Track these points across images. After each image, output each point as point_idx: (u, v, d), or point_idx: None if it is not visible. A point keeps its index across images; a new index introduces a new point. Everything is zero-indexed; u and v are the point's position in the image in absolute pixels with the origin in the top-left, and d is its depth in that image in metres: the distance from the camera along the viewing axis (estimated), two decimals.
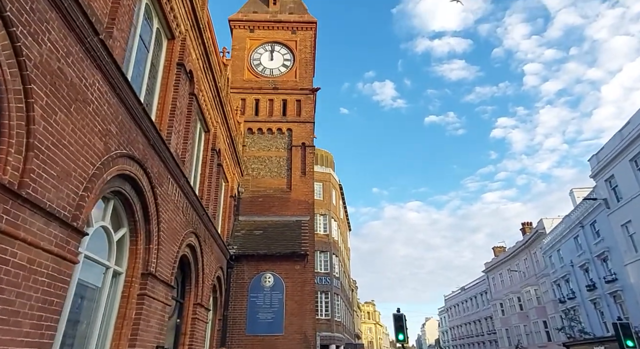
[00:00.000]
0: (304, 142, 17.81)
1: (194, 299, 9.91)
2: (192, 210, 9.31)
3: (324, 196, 38.23)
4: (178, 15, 7.95)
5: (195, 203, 9.38)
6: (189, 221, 9.06)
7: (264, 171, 17.35)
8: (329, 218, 37.52)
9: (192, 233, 9.35)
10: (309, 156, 17.66)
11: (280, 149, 17.77)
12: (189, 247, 9.37)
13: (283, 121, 18.07)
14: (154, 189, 6.64)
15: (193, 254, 9.76)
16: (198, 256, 9.97)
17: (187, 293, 9.78)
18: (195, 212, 9.54)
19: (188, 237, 8.97)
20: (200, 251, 10.09)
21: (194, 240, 9.51)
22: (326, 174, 39.19)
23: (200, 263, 10.16)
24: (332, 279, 35.36)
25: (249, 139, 17.81)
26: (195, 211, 9.57)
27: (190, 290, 9.82)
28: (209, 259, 11.18)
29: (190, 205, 9.06)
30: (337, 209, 40.39)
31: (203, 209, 10.10)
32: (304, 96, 18.56)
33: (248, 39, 19.38)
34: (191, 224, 9.24)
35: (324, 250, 36.02)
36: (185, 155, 8.73)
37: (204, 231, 10.49)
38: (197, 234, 9.77)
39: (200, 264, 10.20)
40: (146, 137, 6.27)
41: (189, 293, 9.80)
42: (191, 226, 9.22)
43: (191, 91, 9.12)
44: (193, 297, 9.87)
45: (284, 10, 20.17)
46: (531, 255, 43.08)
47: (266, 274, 14.31)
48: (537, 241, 41.43)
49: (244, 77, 18.74)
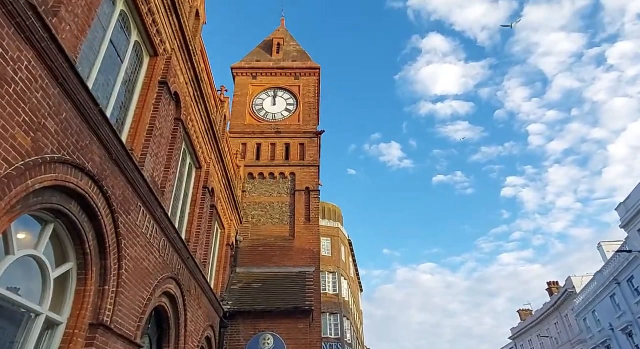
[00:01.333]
0: (308, 187, 16.68)
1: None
2: (173, 251, 7.95)
3: (333, 252, 36.21)
4: (162, 31, 7.30)
5: (178, 243, 8.04)
6: (168, 264, 7.66)
7: (265, 218, 16.04)
8: (338, 276, 35.14)
9: (172, 279, 7.89)
10: (314, 201, 16.42)
11: (282, 194, 16.61)
12: (167, 296, 7.86)
13: (286, 165, 17.12)
14: (114, 215, 5.41)
15: (173, 306, 8.21)
16: (180, 309, 8.39)
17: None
18: (177, 254, 8.17)
19: (165, 283, 7.51)
20: (183, 302, 8.53)
21: (174, 288, 8.02)
22: (334, 229, 37.50)
23: (182, 317, 8.54)
24: (344, 346, 32.11)
25: (249, 184, 16.76)
26: (178, 253, 8.20)
27: None
28: (195, 315, 9.54)
29: (170, 244, 7.73)
30: (347, 266, 38.07)
31: (188, 252, 8.72)
32: (307, 140, 17.79)
33: (250, 85, 19.18)
34: (171, 268, 7.82)
35: (334, 312, 33.24)
36: (166, 185, 7.60)
37: (189, 279, 9.01)
38: (179, 282, 8.29)
39: (183, 320, 8.58)
40: (106, 149, 5.19)
41: None
42: (170, 270, 7.80)
43: (177, 116, 8.24)
44: None
45: (287, 59, 20.21)
46: (562, 318, 39.24)
47: (265, 335, 12.37)
48: (567, 302, 37.91)
49: (246, 122, 18.20)
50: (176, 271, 8.11)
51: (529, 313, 51.42)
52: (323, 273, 34.55)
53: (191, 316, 9.18)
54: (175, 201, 9.02)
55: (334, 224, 37.77)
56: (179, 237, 8.05)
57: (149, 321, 7.38)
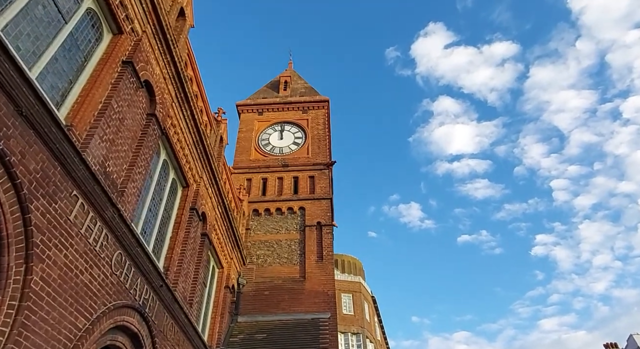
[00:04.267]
0: (320, 222, 14.86)
1: None
2: (137, 273, 6.21)
3: (355, 309, 32.85)
4: (129, 6, 6.31)
5: (144, 264, 6.31)
6: (127, 288, 5.88)
7: (272, 258, 14.10)
8: (363, 338, 31.45)
9: (134, 311, 6.04)
10: (327, 237, 14.49)
11: (291, 230, 14.80)
12: (125, 334, 5.95)
13: (294, 199, 15.50)
14: (19, 191, 3.88)
15: (137, 347, 6.25)
16: (145, 346, 6.41)
17: None
18: (144, 278, 6.40)
19: (121, 313, 5.68)
20: (152, 347, 6.56)
21: (137, 324, 6.13)
22: (355, 283, 34.45)
23: None
24: None
25: (254, 222, 15.09)
26: (145, 278, 6.43)
27: None
28: None
29: (131, 262, 6.02)
30: (372, 327, 34.33)
31: (162, 280, 6.93)
32: (317, 172, 16.32)
33: (256, 121, 18.32)
34: (131, 295, 6.03)
35: None
36: (128, 185, 6.07)
37: (163, 317, 7.10)
38: (147, 317, 6.41)
39: None
40: (14, 102, 3.83)
41: None
42: (131, 298, 5.99)
43: (151, 111, 6.99)
44: None
45: (295, 95, 19.53)
46: None
47: None
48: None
49: (251, 157, 17.02)
50: (141, 302, 6.29)
51: None
52: (345, 334, 31.04)
53: None
54: (150, 217, 7.45)
55: (354, 278, 34.76)
56: (146, 256, 6.34)
57: None
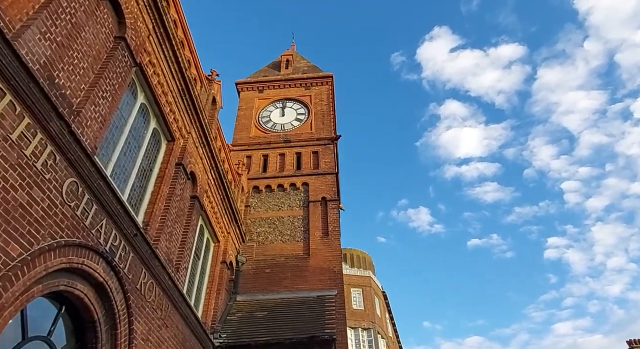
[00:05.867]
0: (325, 197, 13.86)
1: None
2: (102, 211, 5.26)
3: (365, 305, 31.66)
4: None
5: (112, 204, 5.38)
6: (86, 226, 4.94)
7: (273, 235, 13.11)
8: (374, 334, 30.21)
9: (97, 255, 5.08)
10: (332, 212, 13.48)
11: (294, 207, 13.82)
12: (87, 282, 4.98)
13: (297, 175, 14.54)
14: None
15: (104, 303, 5.28)
16: (118, 311, 5.43)
17: None
18: (111, 221, 5.46)
19: (76, 254, 4.72)
20: (124, 303, 5.59)
21: (102, 273, 5.16)
22: (365, 278, 33.27)
23: (122, 327, 5.54)
24: None
25: (254, 199, 14.13)
26: (113, 220, 5.49)
27: None
28: (155, 334, 6.49)
29: (92, 197, 5.08)
30: (383, 322, 33.04)
31: (138, 230, 5.99)
32: (322, 147, 15.36)
33: (256, 99, 17.45)
34: (94, 237, 5.08)
35: None
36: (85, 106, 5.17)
37: (140, 273, 6.13)
38: (116, 268, 5.45)
39: (124, 332, 5.57)
40: None
41: None
42: (93, 239, 5.05)
43: (120, 34, 6.11)
44: None
45: (297, 72, 18.65)
46: None
47: None
48: None
49: (251, 134, 16.12)
50: (108, 248, 5.33)
51: None
52: (356, 330, 29.83)
53: (144, 331, 6.14)
54: (125, 162, 6.52)
55: (364, 273, 33.59)
56: (115, 197, 5.40)
57: (54, 319, 4.50)
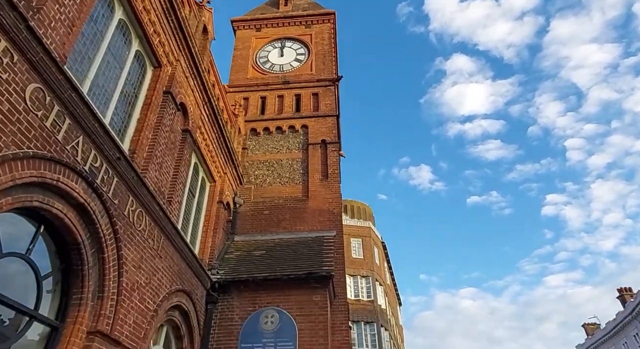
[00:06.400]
0: (325, 139, 13.41)
1: (88, 321, 4.88)
2: (76, 127, 4.84)
3: (365, 254, 32.25)
4: None
5: (87, 119, 4.93)
6: (59, 141, 4.54)
7: (272, 177, 12.82)
8: (372, 281, 31.01)
9: (73, 173, 4.73)
10: (332, 154, 13.09)
11: (292, 150, 13.41)
12: (66, 202, 4.68)
13: (296, 117, 14.00)
14: None
15: (89, 226, 5.00)
16: (103, 235, 5.17)
17: (71, 307, 4.81)
18: (87, 137, 5.05)
19: (46, 167, 4.37)
20: (110, 227, 5.32)
21: (82, 193, 4.84)
22: (365, 229, 33.64)
23: (109, 251, 5.32)
24: None
25: (252, 141, 13.70)
26: (90, 138, 5.08)
27: (80, 302, 4.85)
28: (147, 263, 6.31)
29: (63, 109, 4.63)
30: (381, 271, 33.82)
31: (121, 152, 5.60)
32: (322, 88, 14.68)
33: (253, 38, 16.47)
34: (70, 154, 4.70)
35: (369, 320, 28.97)
36: None
37: (127, 199, 5.83)
38: (98, 190, 5.12)
39: (112, 256, 5.35)
40: None
41: (75, 307, 4.82)
42: (68, 156, 4.67)
43: None
44: (87, 316, 4.85)
45: (297, 9, 17.48)
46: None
47: (267, 312, 8.89)
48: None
49: (248, 75, 15.36)
50: (88, 168, 4.96)
51: (595, 327, 44.61)
52: (355, 277, 30.59)
53: (136, 259, 5.94)
54: (104, 82, 6.00)
55: (364, 224, 33.93)
56: (91, 114, 4.95)
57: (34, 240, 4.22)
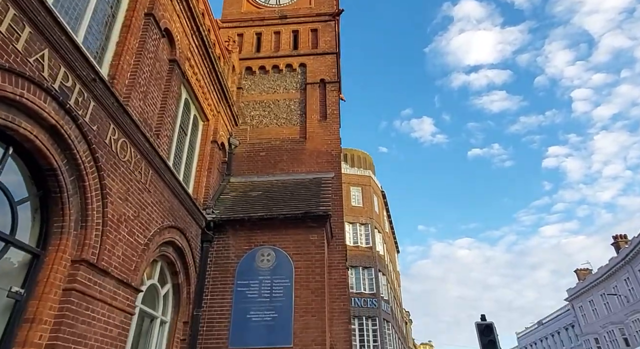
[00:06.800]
0: (324, 79, 12.74)
1: (72, 250, 4.69)
2: (36, 34, 4.33)
3: (364, 202, 32.44)
4: None
5: (51, 29, 4.40)
6: (10, 43, 4.06)
7: (268, 119, 12.33)
8: (371, 228, 31.46)
9: (39, 89, 4.29)
10: (332, 94, 12.49)
11: (290, 89, 12.79)
12: (27, 116, 4.28)
13: (294, 55, 13.21)
14: None
15: (64, 152, 4.65)
16: (82, 163, 4.84)
17: (52, 235, 4.59)
18: (54, 51, 4.55)
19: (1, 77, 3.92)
20: (90, 155, 4.97)
21: (54, 114, 4.43)
22: (365, 177, 33.57)
23: (90, 180, 5.01)
24: (380, 302, 28.71)
25: (247, 81, 13.04)
26: (58, 52, 4.58)
27: (62, 230, 4.62)
28: (135, 196, 6.05)
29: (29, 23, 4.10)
30: (380, 219, 34.23)
31: (96, 73, 5.10)
32: (321, 24, 13.73)
33: None
34: (25, 61, 4.23)
35: (367, 266, 29.77)
36: None
37: (107, 126, 5.42)
38: (73, 113, 4.71)
39: (94, 185, 5.05)
40: None
41: (57, 235, 4.60)
42: (26, 66, 4.21)
43: None
44: (70, 244, 4.65)
45: None
46: (635, 272, 33.85)
47: (263, 250, 8.83)
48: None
49: (242, 9, 14.34)
50: (58, 86, 4.51)
51: (587, 272, 46.03)
52: (354, 225, 31.01)
53: (122, 190, 5.65)
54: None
55: (364, 172, 33.82)
56: (57, 24, 4.40)
57: None
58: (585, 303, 42.96)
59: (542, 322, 56.24)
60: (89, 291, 4.75)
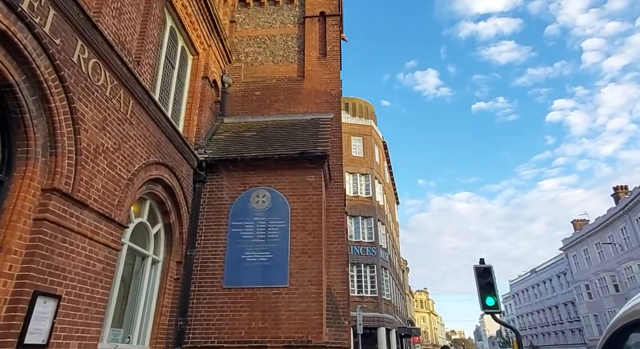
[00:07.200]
0: (324, 12, 11.73)
1: (42, 178, 4.27)
2: None
3: (365, 152, 31.97)
4: None
5: None
6: None
7: (264, 56, 11.51)
8: (372, 179, 31.25)
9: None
10: (332, 29, 11.56)
11: (287, 24, 11.83)
12: None
13: None
14: None
15: (20, 63, 4.09)
16: (48, 87, 4.28)
17: (17, 161, 4.15)
18: None
19: None
20: (56, 76, 4.41)
21: (2, 19, 3.82)
22: (366, 127, 32.84)
23: (56, 103, 4.49)
24: (378, 250, 29.18)
25: (241, 14, 12.03)
26: None
27: (27, 155, 4.17)
28: (112, 127, 5.54)
29: None
30: (381, 169, 33.95)
31: None
32: None
33: None
34: None
35: (367, 215, 29.92)
36: None
37: (76, 45, 4.81)
38: (27, 21, 4.08)
39: (60, 110, 4.53)
40: None
41: (22, 160, 4.16)
42: None
43: None
44: (38, 172, 4.23)
45: None
46: (632, 222, 34.13)
47: (258, 191, 8.48)
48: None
49: None
50: None
51: (584, 222, 46.59)
52: (354, 175, 30.77)
53: (97, 118, 5.13)
54: None
55: (365, 122, 33.03)
56: None
57: None
58: (579, 252, 43.92)
59: (536, 270, 58.05)
60: (64, 223, 4.40)
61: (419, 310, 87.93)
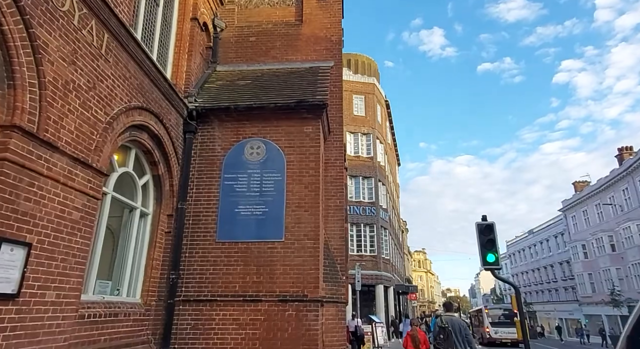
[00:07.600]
0: None
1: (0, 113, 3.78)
2: None
3: (367, 111, 31.12)
4: None
5: None
6: None
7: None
8: (373, 138, 30.63)
9: None
10: None
11: None
12: None
13: None
14: None
15: None
16: None
17: None
18: None
19: None
20: None
21: None
22: (369, 85, 31.74)
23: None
24: (379, 210, 29.10)
25: None
26: None
27: None
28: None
29: None
30: (383, 129, 33.22)
31: None
32: None
33: None
34: None
35: (367, 176, 29.58)
36: None
37: None
38: None
39: (22, 34, 3.95)
40: None
41: None
42: None
43: None
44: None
45: None
46: (635, 182, 33.82)
47: (252, 143, 7.99)
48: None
49: None
50: None
51: (585, 184, 46.35)
52: (355, 134, 30.13)
53: (65, 50, 4.55)
54: None
55: (368, 79, 31.89)
56: None
57: None
58: (578, 213, 44.02)
59: (533, 231, 58.63)
60: (30, 165, 3.96)
61: (417, 269, 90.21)
